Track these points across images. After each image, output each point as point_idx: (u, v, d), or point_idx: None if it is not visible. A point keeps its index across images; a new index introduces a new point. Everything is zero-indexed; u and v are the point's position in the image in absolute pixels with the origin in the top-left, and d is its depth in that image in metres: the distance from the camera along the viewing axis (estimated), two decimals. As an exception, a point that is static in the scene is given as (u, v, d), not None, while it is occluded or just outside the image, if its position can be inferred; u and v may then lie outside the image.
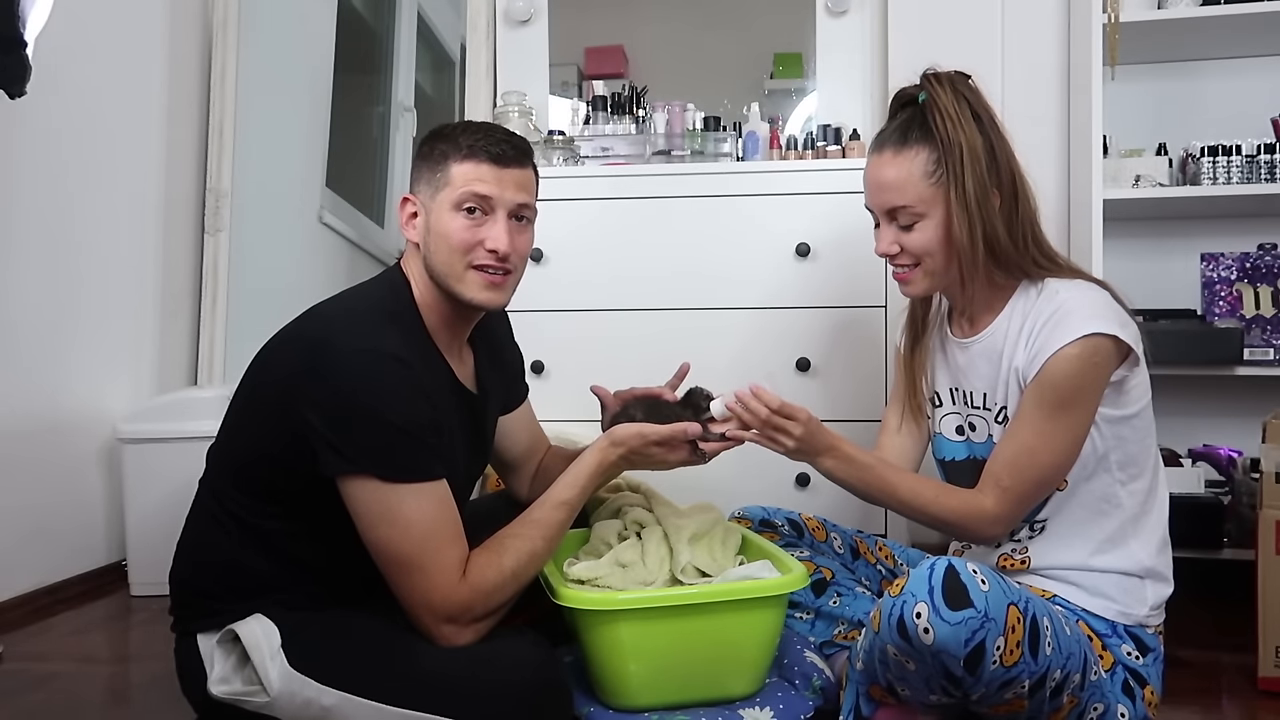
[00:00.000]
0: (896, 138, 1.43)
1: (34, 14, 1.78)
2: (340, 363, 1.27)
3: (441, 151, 1.39)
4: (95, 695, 1.72)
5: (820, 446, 1.43)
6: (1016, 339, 1.40)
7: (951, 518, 1.42)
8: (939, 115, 1.39)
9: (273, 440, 1.32)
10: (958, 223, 1.38)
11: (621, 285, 2.27)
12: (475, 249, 1.37)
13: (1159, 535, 1.43)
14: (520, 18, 2.76)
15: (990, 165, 1.39)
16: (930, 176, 1.40)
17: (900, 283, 1.48)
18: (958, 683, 1.17)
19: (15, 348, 2.17)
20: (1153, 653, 1.40)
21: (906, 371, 1.59)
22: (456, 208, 1.37)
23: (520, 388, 1.69)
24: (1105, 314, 1.34)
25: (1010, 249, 1.40)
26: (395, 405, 1.26)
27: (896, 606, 1.17)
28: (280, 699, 1.25)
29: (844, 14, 2.65)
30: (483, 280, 1.39)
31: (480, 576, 1.30)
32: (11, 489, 2.13)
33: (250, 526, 1.36)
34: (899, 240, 1.43)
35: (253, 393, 1.40)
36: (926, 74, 1.44)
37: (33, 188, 2.21)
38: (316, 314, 1.39)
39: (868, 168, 1.46)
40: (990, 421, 1.46)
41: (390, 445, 1.26)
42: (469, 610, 1.29)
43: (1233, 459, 2.22)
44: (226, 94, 2.80)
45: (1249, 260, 2.43)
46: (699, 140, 2.44)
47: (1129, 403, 1.39)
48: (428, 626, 1.30)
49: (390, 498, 1.27)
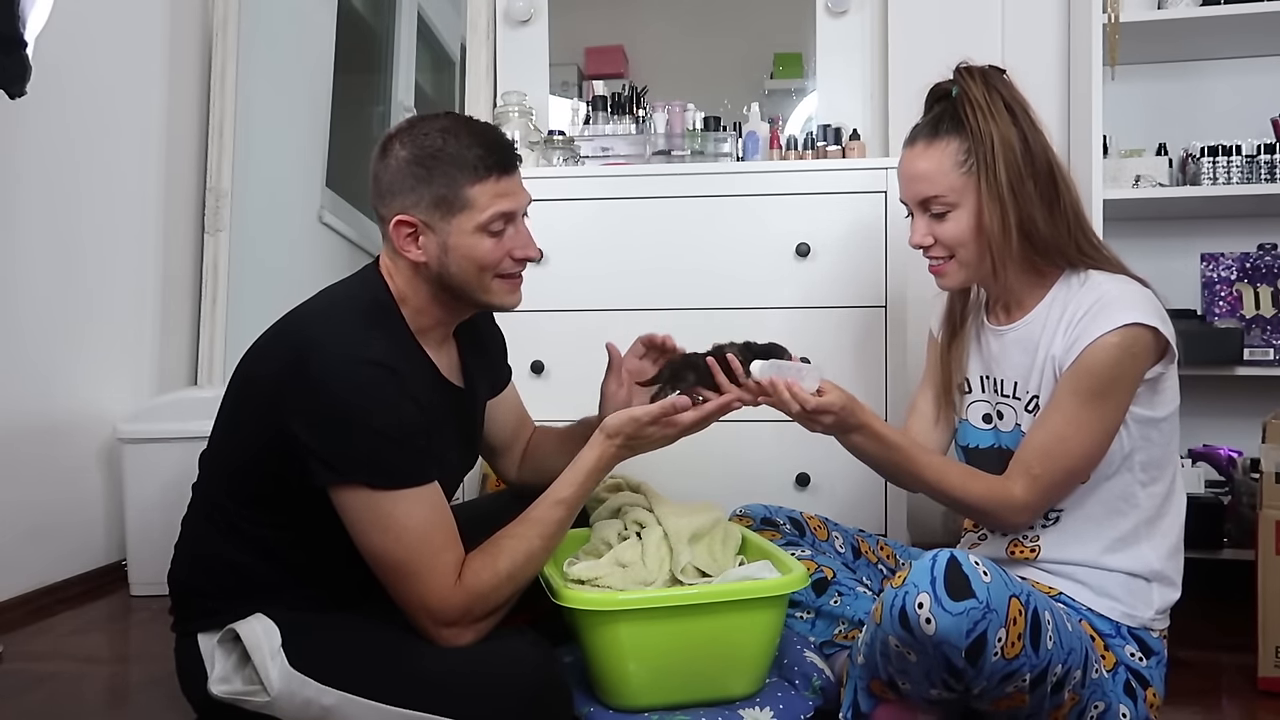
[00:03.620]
0: (928, 130, 1.45)
1: (34, 14, 1.78)
2: (324, 372, 1.26)
3: (446, 173, 1.33)
4: (95, 695, 1.72)
5: (852, 425, 1.42)
6: (1056, 328, 1.40)
7: (977, 503, 1.42)
8: (970, 106, 1.40)
9: (261, 447, 1.32)
10: (988, 212, 1.39)
11: (621, 285, 2.27)
12: (504, 260, 1.38)
13: (1172, 540, 1.43)
14: (520, 18, 2.76)
15: (1026, 156, 1.39)
16: (961, 166, 1.41)
17: (936, 275, 1.49)
18: (959, 675, 1.17)
19: (15, 347, 2.16)
20: (1156, 656, 1.40)
21: (943, 365, 1.59)
22: (482, 230, 1.34)
23: (504, 370, 1.67)
24: (1146, 307, 1.35)
25: (1051, 236, 1.40)
26: (382, 413, 1.25)
27: (898, 597, 1.17)
28: (280, 699, 1.25)
29: (844, 14, 2.65)
30: (508, 286, 1.40)
31: (475, 579, 1.30)
32: (12, 488, 2.13)
33: (244, 533, 1.36)
34: (932, 231, 1.44)
35: (239, 401, 1.39)
36: (959, 67, 1.45)
37: (33, 188, 2.21)
38: (298, 319, 1.38)
39: (901, 161, 1.48)
40: (1020, 410, 1.46)
41: (379, 453, 1.26)
42: (467, 613, 1.29)
43: (1233, 459, 2.22)
44: (226, 94, 2.80)
45: (1249, 260, 2.43)
46: (699, 140, 2.44)
47: (1161, 404, 1.40)
48: (427, 629, 1.30)
49: (382, 505, 1.26)
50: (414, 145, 1.34)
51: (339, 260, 3.46)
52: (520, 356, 1.97)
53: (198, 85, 2.82)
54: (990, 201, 1.39)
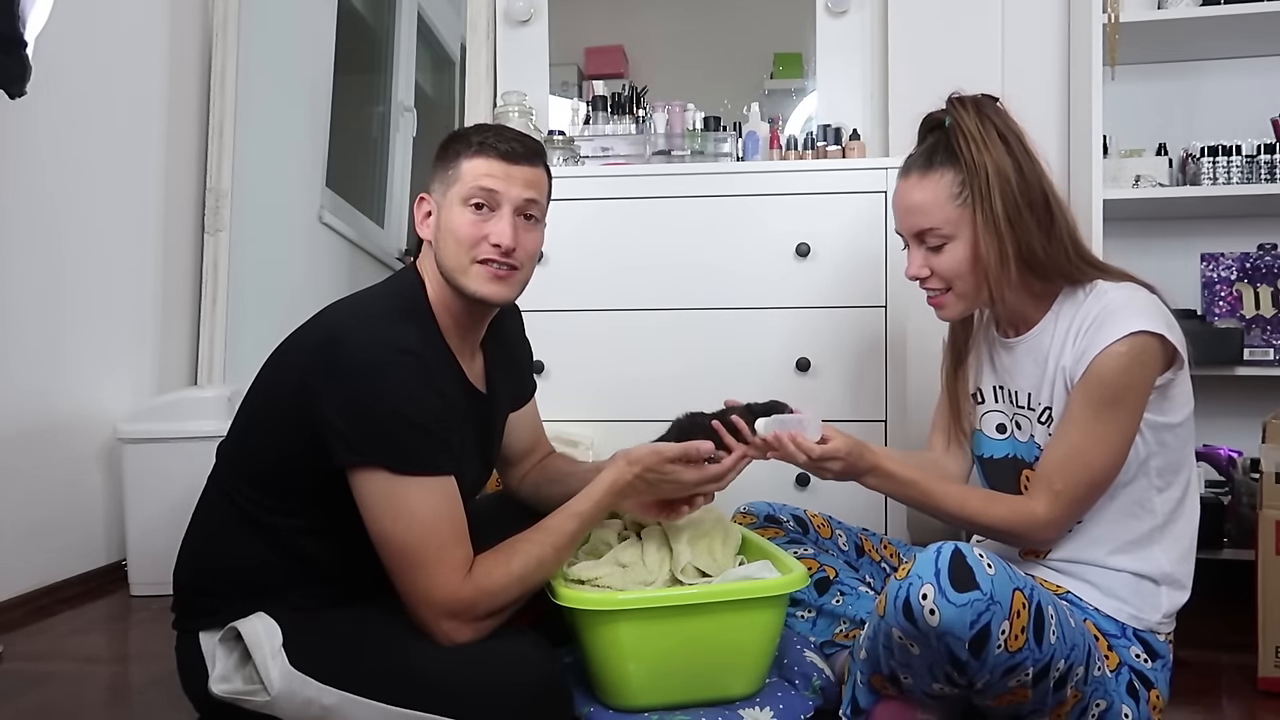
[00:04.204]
0: (922, 161, 1.44)
1: (34, 14, 1.78)
2: (353, 356, 1.28)
3: (454, 150, 1.42)
4: (95, 695, 1.72)
5: (863, 469, 1.42)
6: (1064, 339, 1.40)
7: (1001, 525, 1.41)
8: (963, 138, 1.40)
9: (292, 440, 1.33)
10: (985, 244, 1.39)
11: (622, 285, 2.27)
12: (480, 243, 1.38)
13: (1185, 544, 1.43)
14: (520, 18, 2.76)
15: (1021, 185, 1.39)
16: (956, 198, 1.40)
17: (935, 308, 1.49)
18: (962, 668, 1.17)
19: (15, 347, 2.17)
20: (1161, 659, 1.40)
21: (949, 396, 1.60)
22: (464, 202, 1.39)
23: (529, 385, 1.69)
24: (1152, 314, 1.34)
25: (1049, 261, 1.40)
26: (406, 397, 1.27)
27: (902, 589, 1.17)
28: (281, 698, 1.26)
29: (844, 14, 2.65)
30: (487, 273, 1.39)
31: (487, 576, 1.30)
32: (12, 489, 2.13)
33: (261, 523, 1.36)
34: (929, 263, 1.44)
35: (268, 394, 1.40)
36: (951, 97, 1.45)
37: (33, 188, 2.21)
38: (332, 310, 1.41)
39: (895, 192, 1.48)
40: (1034, 421, 1.46)
41: (399, 437, 1.27)
42: (472, 608, 1.29)
43: (1233, 459, 2.22)
44: (226, 94, 2.80)
45: (1249, 260, 2.43)
46: (699, 140, 2.44)
47: (1173, 409, 1.39)
48: (428, 621, 1.29)
49: (397, 490, 1.27)
50: (452, 135, 1.45)
51: (339, 260, 3.46)
52: (520, 356, 1.98)
53: (198, 85, 2.82)
54: (987, 233, 1.39)
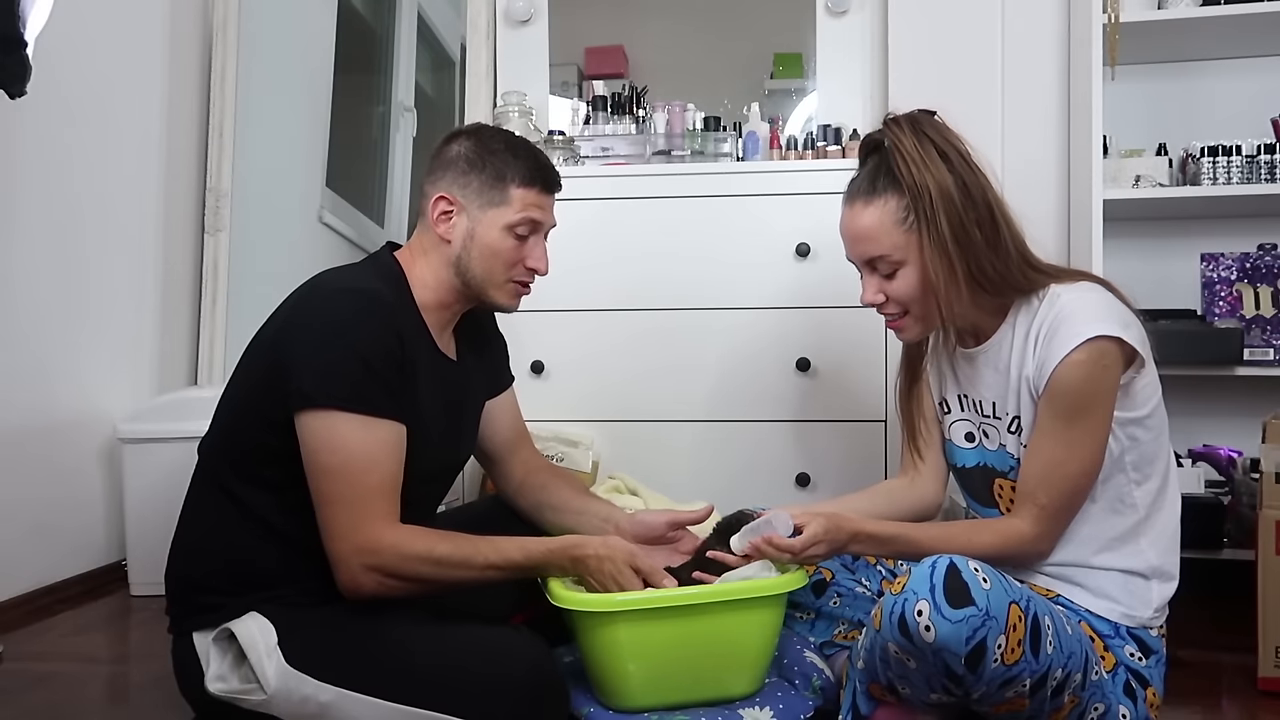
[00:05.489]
0: (866, 187, 1.41)
1: (34, 14, 1.78)
2: (320, 299, 1.37)
3: (497, 169, 1.45)
4: (95, 695, 1.72)
5: (844, 540, 1.39)
6: (1024, 347, 1.39)
7: (991, 551, 1.38)
8: (903, 160, 1.36)
9: (269, 406, 1.34)
10: (933, 268, 1.36)
11: (621, 285, 2.27)
12: (518, 265, 1.48)
13: (1169, 534, 1.42)
14: (520, 18, 2.76)
15: (965, 202, 1.36)
16: (903, 224, 1.38)
17: (895, 330, 1.48)
18: (959, 681, 1.17)
19: (16, 347, 2.16)
20: (1155, 655, 1.40)
21: (904, 415, 1.59)
22: (510, 229, 1.45)
23: (504, 374, 1.69)
24: (1106, 316, 1.33)
25: (998, 278, 1.38)
26: (363, 333, 1.31)
27: (898, 604, 1.17)
28: (277, 696, 1.26)
29: (844, 14, 2.65)
30: (516, 290, 1.50)
31: (408, 540, 1.31)
32: (12, 488, 2.13)
33: (245, 506, 1.37)
34: (883, 289, 1.42)
35: (246, 363, 1.44)
36: (887, 118, 1.42)
37: (33, 187, 2.21)
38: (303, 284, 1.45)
39: (842, 220, 1.45)
40: (1003, 431, 1.45)
41: (350, 372, 1.30)
42: (381, 557, 1.29)
43: (1233, 459, 2.22)
44: (226, 94, 2.80)
45: (1249, 260, 2.43)
46: (699, 140, 2.44)
47: (1139, 404, 1.38)
48: (345, 557, 1.29)
49: (338, 424, 1.29)
50: (480, 140, 1.48)
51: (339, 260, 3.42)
52: (520, 356, 1.98)
53: (198, 85, 2.82)
54: (935, 256, 1.36)
